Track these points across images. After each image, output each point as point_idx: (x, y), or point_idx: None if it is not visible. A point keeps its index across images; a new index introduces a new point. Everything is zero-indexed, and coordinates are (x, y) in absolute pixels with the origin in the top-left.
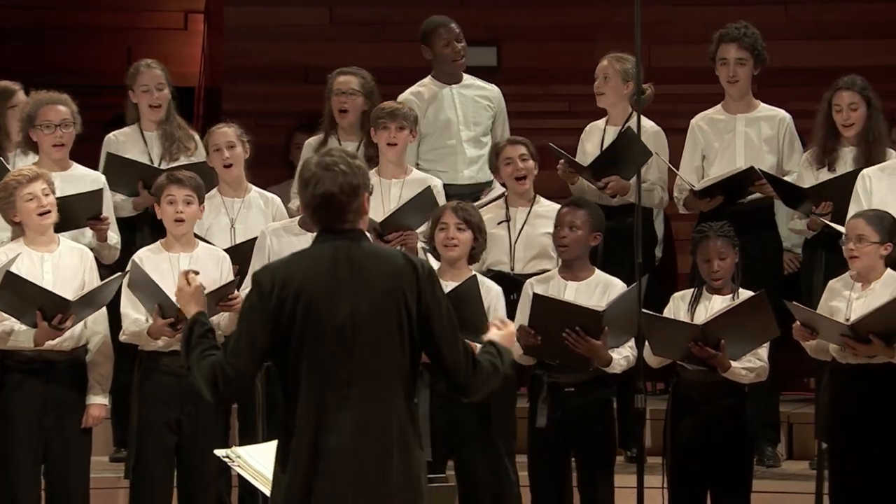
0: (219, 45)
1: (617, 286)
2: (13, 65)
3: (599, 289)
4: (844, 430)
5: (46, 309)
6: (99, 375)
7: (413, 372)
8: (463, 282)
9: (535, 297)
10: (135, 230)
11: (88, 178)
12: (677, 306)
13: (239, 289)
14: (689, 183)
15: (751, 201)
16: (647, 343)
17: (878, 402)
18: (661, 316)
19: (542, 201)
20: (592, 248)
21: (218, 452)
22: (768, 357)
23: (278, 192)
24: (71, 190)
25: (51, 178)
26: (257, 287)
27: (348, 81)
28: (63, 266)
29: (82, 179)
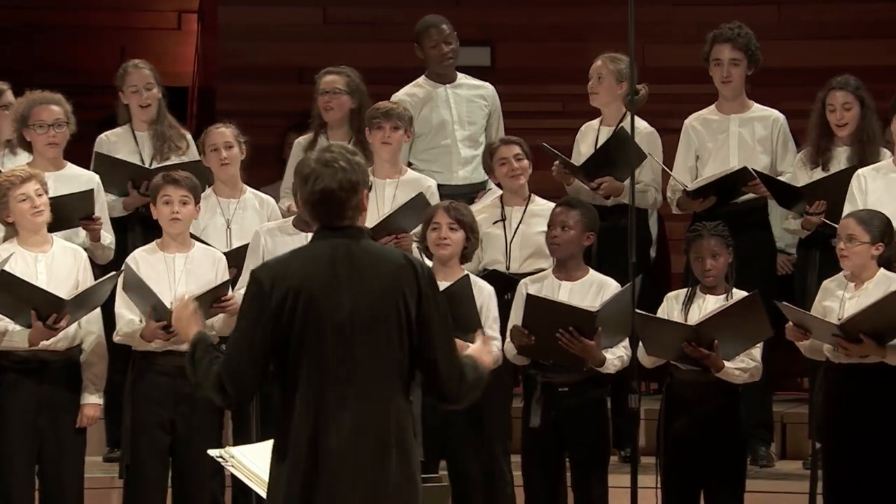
0: (213, 45)
1: (611, 286)
2: (6, 64)
3: (593, 289)
4: (838, 430)
5: (41, 309)
6: (93, 375)
7: (410, 371)
8: (455, 281)
9: (529, 298)
10: (126, 230)
11: (82, 178)
12: (671, 306)
13: (233, 289)
14: (683, 183)
15: (745, 201)
16: (641, 343)
17: (872, 402)
18: (655, 316)
19: (538, 200)
20: (586, 248)
21: (212, 452)
22: (762, 357)
23: (270, 193)
24: (65, 190)
25: (44, 179)
26: (256, 285)
27: (333, 81)
28: (57, 266)
29: (76, 179)
